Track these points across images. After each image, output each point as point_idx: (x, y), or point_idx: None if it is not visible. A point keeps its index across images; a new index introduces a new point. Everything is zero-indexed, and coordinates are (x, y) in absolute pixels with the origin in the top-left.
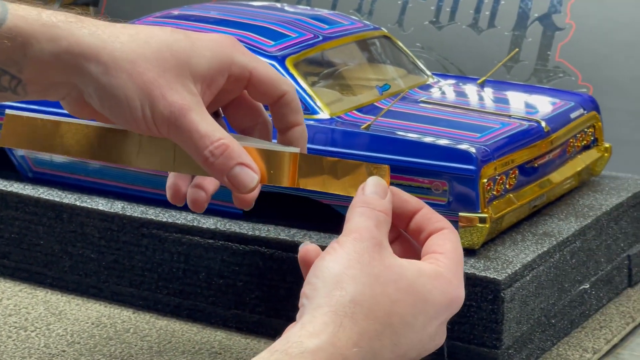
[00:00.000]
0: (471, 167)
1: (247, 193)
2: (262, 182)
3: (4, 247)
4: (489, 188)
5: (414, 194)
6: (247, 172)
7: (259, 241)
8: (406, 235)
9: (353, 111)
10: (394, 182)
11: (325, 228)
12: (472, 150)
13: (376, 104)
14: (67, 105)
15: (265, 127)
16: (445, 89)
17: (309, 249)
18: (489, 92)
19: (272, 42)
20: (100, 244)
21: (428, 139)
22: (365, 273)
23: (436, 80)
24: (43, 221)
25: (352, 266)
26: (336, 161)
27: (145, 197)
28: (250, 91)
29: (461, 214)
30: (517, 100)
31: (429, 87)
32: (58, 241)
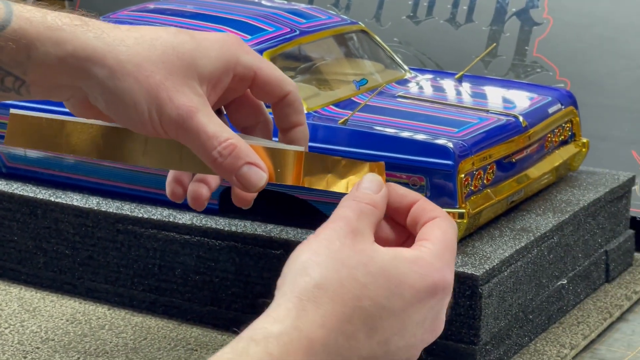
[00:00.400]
0: (449, 162)
1: (255, 192)
2: (268, 180)
3: None
4: (466, 183)
5: None
6: (255, 171)
7: (235, 237)
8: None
9: (330, 106)
10: None
11: (302, 223)
12: (450, 145)
13: (353, 98)
14: (72, 107)
15: (267, 126)
16: (422, 83)
17: None
18: (466, 87)
19: (249, 37)
20: (75, 240)
21: (405, 134)
22: (332, 258)
23: (414, 75)
24: (17, 217)
25: (319, 253)
26: (340, 160)
27: (120, 192)
28: (254, 90)
29: None
30: (495, 95)
31: (406, 81)
32: (32, 237)
